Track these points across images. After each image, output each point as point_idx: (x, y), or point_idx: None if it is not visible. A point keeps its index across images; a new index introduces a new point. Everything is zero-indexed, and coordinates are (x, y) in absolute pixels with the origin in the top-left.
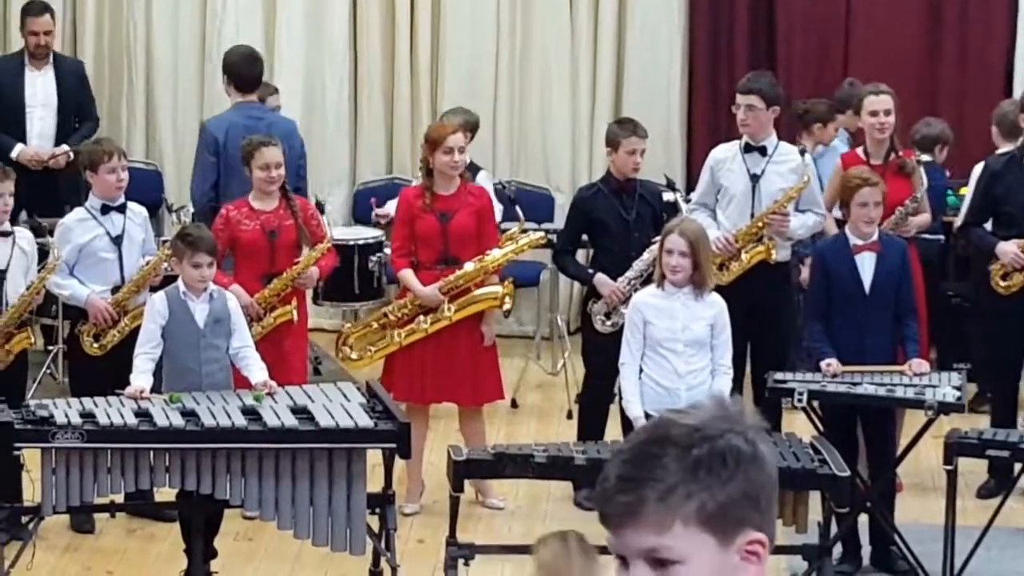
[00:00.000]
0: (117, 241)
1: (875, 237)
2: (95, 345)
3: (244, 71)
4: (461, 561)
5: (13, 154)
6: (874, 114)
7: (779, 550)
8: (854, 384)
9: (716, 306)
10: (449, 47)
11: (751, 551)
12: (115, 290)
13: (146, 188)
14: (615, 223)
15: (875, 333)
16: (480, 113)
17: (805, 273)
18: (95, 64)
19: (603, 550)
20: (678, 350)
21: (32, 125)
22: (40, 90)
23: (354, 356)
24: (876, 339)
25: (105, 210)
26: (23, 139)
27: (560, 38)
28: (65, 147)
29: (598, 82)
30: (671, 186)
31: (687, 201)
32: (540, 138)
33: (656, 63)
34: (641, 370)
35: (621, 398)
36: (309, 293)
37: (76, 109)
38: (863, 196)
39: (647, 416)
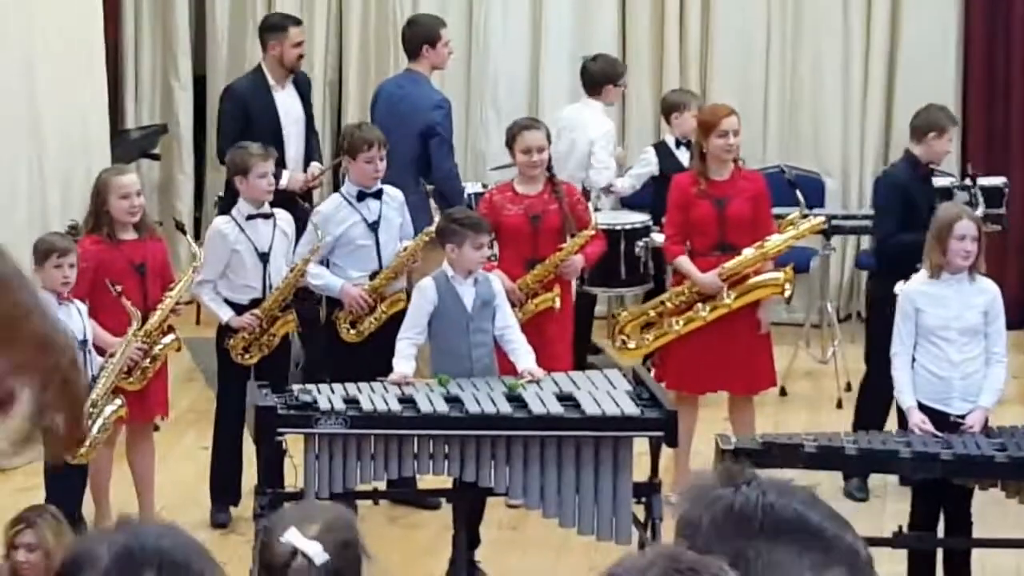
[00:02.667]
0: (374, 227)
1: None
2: (352, 331)
3: (402, 35)
4: None
5: (282, 183)
6: None
7: None
8: None
9: (989, 292)
10: (719, 33)
11: None
12: (373, 276)
13: None
14: (922, 208)
15: None
16: (751, 98)
17: None
18: (360, 51)
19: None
20: (951, 338)
21: (289, 146)
22: (291, 108)
23: (631, 345)
24: None
25: (361, 196)
26: (282, 162)
27: (832, 22)
28: (319, 166)
29: (870, 67)
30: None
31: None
32: (811, 123)
33: (931, 48)
34: (914, 360)
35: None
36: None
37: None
38: None
39: (920, 406)
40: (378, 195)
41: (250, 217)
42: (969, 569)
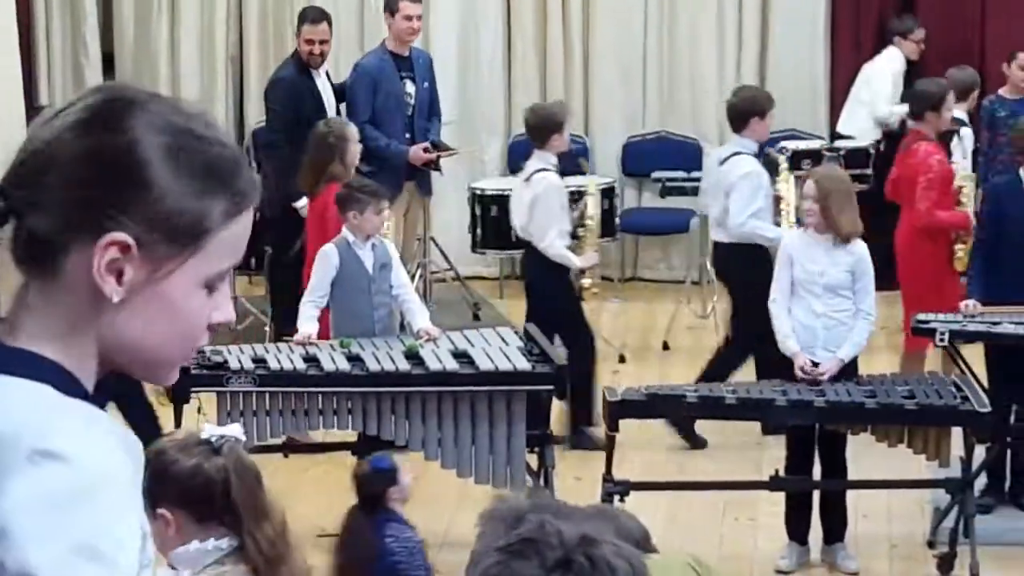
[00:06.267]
0: None
1: None
2: None
3: None
4: (616, 497)
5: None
6: None
7: (923, 484)
8: (994, 324)
9: (856, 254)
10: (601, 4)
11: None
12: None
13: None
14: None
15: None
16: (631, 65)
17: None
18: (259, 28)
19: None
20: (817, 292)
21: None
22: (326, 96)
23: None
24: None
25: None
26: None
27: None
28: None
29: (743, 39)
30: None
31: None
32: (689, 91)
33: (800, 17)
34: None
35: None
36: (468, 240)
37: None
38: None
39: None
40: None
41: None
42: (844, 508)
